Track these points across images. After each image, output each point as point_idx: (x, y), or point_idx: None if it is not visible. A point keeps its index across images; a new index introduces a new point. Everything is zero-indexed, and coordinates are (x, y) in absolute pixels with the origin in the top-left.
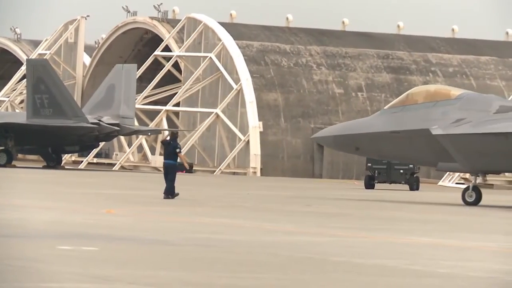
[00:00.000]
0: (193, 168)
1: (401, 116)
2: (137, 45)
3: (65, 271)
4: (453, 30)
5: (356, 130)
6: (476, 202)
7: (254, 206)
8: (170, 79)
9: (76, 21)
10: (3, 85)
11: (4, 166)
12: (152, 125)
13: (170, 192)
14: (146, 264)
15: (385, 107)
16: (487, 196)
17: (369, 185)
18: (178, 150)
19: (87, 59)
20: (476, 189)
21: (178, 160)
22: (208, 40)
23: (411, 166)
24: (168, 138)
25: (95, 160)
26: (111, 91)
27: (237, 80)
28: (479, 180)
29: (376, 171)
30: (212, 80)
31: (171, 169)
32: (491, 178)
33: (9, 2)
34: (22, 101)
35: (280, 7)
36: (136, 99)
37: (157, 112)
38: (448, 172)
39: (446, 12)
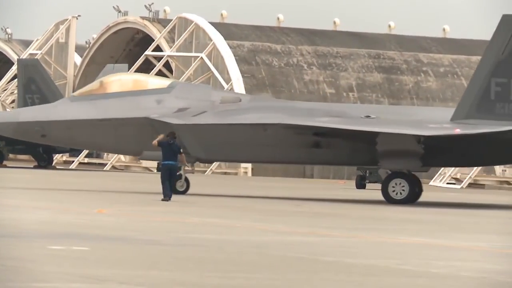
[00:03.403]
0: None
1: (103, 103)
2: (128, 45)
3: (56, 271)
4: (444, 30)
5: (44, 117)
6: (185, 191)
7: (245, 206)
8: None
9: (67, 21)
10: None
11: None
12: None
13: (170, 194)
14: (137, 264)
15: (74, 94)
16: (479, 196)
17: (360, 185)
18: (181, 151)
19: (78, 59)
20: (187, 179)
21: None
22: (199, 40)
23: None
24: (166, 138)
25: (86, 160)
26: None
27: (228, 80)
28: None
29: (367, 171)
30: (203, 80)
31: (174, 171)
32: (482, 178)
33: (0, 2)
34: (13, 101)
35: (271, 7)
36: None
37: None
38: (439, 172)
39: (437, 12)
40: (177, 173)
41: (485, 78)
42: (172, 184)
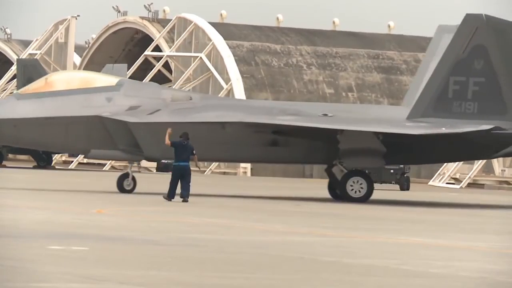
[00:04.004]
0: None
1: (51, 101)
2: (127, 45)
3: (55, 271)
4: None
5: None
6: (132, 190)
7: (244, 206)
8: (161, 79)
9: (67, 21)
10: None
11: None
12: None
13: (187, 195)
14: (136, 264)
15: (19, 91)
16: (478, 196)
17: None
18: (194, 152)
19: (77, 59)
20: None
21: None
22: (198, 40)
23: (401, 166)
24: (169, 135)
25: (85, 160)
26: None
27: (227, 80)
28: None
29: (367, 171)
30: (203, 80)
31: (187, 171)
32: (482, 178)
33: None
34: None
35: (270, 7)
36: None
37: None
38: (438, 172)
39: (436, 12)
40: (127, 172)
41: (444, 77)
42: (186, 185)
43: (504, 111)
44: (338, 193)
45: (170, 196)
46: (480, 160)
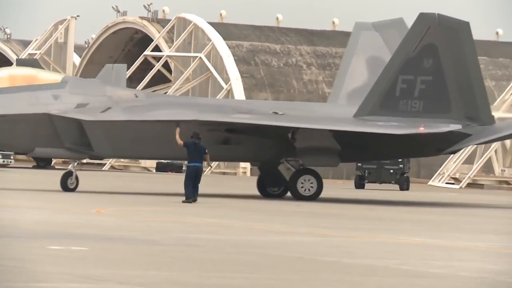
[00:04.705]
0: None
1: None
2: (127, 45)
3: (55, 271)
4: None
5: None
6: (75, 188)
7: (244, 206)
8: (160, 79)
9: (66, 21)
10: None
11: None
12: None
13: (195, 196)
14: (136, 264)
15: None
16: (478, 196)
17: (359, 185)
18: (207, 151)
19: (77, 59)
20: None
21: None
22: (198, 40)
23: (401, 166)
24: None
25: (84, 160)
26: None
27: (227, 80)
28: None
29: (366, 171)
30: (202, 80)
31: (200, 172)
32: (481, 178)
33: None
34: None
35: (270, 7)
36: None
37: None
38: (438, 172)
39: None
40: (70, 171)
41: (393, 75)
42: (196, 184)
43: (449, 109)
44: (270, 192)
45: (189, 197)
46: (478, 161)
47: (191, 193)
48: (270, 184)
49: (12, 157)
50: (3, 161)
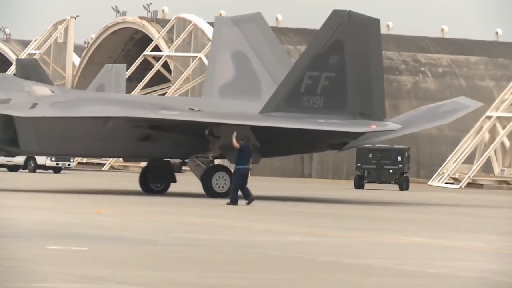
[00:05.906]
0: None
1: None
2: (126, 45)
3: (54, 271)
4: (442, 30)
5: None
6: None
7: (244, 206)
8: (160, 79)
9: (66, 21)
10: None
11: None
12: None
13: (237, 199)
14: (135, 264)
15: None
16: (478, 196)
17: (359, 185)
18: (252, 155)
19: (76, 59)
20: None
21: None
22: (197, 40)
23: (400, 166)
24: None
25: (84, 160)
26: (100, 91)
27: None
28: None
29: (366, 171)
30: (202, 80)
31: (248, 174)
32: (481, 178)
33: None
34: None
35: (269, 7)
36: None
37: None
38: (438, 172)
39: (435, 12)
40: None
41: (301, 71)
42: (246, 185)
43: (345, 106)
44: (153, 187)
45: (234, 201)
46: (478, 161)
47: (237, 197)
48: (154, 179)
49: (72, 160)
50: (56, 164)
